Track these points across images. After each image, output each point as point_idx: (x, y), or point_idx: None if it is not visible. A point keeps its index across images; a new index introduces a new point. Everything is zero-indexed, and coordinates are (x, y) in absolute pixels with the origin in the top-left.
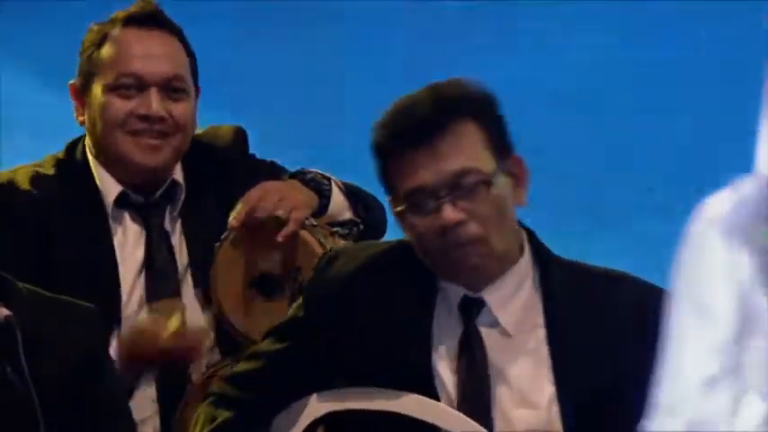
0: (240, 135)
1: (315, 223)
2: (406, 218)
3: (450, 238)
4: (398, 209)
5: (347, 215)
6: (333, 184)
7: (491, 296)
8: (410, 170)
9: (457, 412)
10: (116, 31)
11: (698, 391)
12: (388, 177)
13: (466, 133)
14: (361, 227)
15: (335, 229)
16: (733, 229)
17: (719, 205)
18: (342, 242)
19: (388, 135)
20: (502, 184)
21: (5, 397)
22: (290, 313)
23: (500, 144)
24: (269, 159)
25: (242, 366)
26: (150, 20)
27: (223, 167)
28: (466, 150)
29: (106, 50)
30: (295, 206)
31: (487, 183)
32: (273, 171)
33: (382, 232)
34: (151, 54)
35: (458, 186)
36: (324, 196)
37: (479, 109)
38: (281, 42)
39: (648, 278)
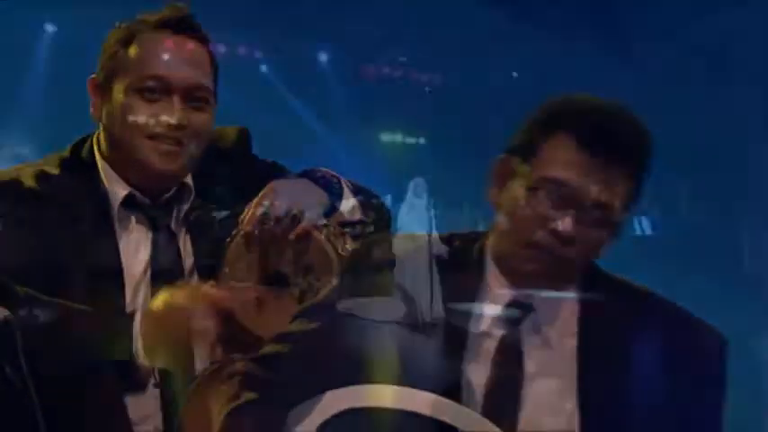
0: (244, 135)
1: (325, 222)
2: (534, 194)
3: (551, 242)
4: (529, 183)
5: (357, 215)
6: (343, 183)
7: (541, 304)
8: (572, 162)
9: (477, 414)
10: (147, 33)
11: None
12: (540, 149)
13: (626, 177)
14: (372, 227)
15: (346, 229)
16: None
17: None
18: (352, 241)
19: (576, 118)
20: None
21: (5, 397)
22: (323, 295)
23: (634, 200)
24: (270, 159)
25: (270, 347)
26: (184, 26)
27: (228, 167)
28: (618, 190)
29: (133, 50)
30: (307, 205)
31: (613, 226)
32: (275, 171)
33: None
34: (180, 60)
35: (591, 211)
36: (334, 195)
37: (645, 165)
38: None
39: None
